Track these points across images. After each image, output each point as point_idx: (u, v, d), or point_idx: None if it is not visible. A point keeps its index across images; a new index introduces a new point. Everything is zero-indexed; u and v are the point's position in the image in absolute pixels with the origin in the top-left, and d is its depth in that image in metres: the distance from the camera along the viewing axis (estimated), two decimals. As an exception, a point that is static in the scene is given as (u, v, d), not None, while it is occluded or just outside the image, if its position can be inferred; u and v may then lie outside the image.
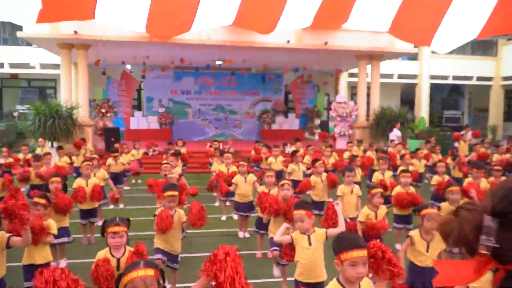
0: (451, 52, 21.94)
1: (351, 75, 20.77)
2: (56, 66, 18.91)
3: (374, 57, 15.45)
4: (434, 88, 22.40)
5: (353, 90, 21.76)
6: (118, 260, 3.32)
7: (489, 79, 22.32)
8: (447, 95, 24.88)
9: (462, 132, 13.49)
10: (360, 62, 15.62)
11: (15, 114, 18.07)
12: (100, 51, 14.42)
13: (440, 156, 10.80)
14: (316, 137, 20.68)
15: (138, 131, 17.98)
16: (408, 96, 22.76)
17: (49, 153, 8.72)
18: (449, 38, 11.76)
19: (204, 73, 19.10)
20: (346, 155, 10.59)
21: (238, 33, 13.67)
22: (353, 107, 15.61)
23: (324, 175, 6.94)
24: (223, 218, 7.68)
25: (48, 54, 18.84)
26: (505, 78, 21.83)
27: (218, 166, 8.87)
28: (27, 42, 20.03)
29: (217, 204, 8.79)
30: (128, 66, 19.08)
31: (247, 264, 5.48)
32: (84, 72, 14.08)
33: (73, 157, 9.96)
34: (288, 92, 21.20)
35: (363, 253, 2.23)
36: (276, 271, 5.00)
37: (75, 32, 12.86)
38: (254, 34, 13.83)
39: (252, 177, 6.71)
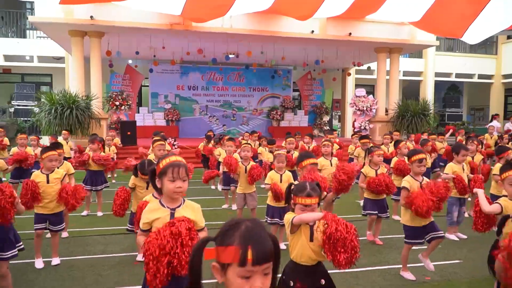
0: (453, 50, 22.17)
1: (358, 72, 20.56)
2: (55, 59, 17.84)
3: (394, 50, 15.22)
4: (434, 86, 22.49)
5: (358, 88, 21.52)
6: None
7: (490, 77, 22.61)
8: (445, 93, 25.07)
9: (490, 125, 13.38)
10: (380, 55, 15.35)
11: (11, 110, 16.82)
12: (112, 41, 13.55)
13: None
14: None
15: (144, 127, 17.06)
16: (409, 93, 22.73)
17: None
18: (482, 28, 11.46)
19: (212, 68, 18.43)
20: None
21: (261, 23, 13.15)
22: (372, 101, 15.31)
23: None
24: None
25: (45, 48, 17.77)
26: (505, 76, 22.15)
27: (269, 155, 8.34)
28: (21, 34, 18.89)
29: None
30: (130, 61, 18.19)
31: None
32: (98, 62, 13.18)
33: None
34: (295, 89, 20.75)
35: None
36: (408, 275, 4.26)
37: (91, 17, 12.00)
38: (278, 24, 13.36)
39: (336, 160, 6.17)
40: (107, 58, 14.62)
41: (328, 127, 20.57)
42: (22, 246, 3.50)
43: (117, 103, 13.48)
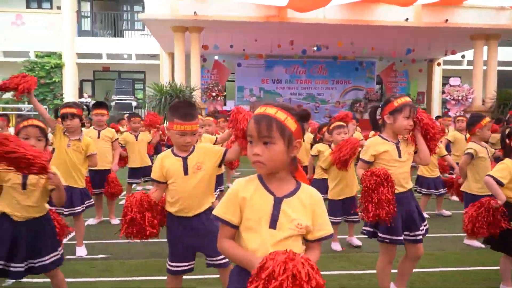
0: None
1: (446, 62, 19.83)
2: (150, 56, 19.16)
3: (492, 36, 14.55)
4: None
5: (445, 80, 20.75)
6: None
7: None
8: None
9: None
10: (476, 43, 14.74)
11: (112, 104, 18.31)
12: (209, 36, 14.30)
13: None
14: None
15: (232, 119, 17.78)
16: (501, 85, 21.45)
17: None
18: None
19: (295, 61, 18.77)
20: None
21: (355, 12, 13.20)
22: (468, 90, 14.76)
23: None
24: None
25: (141, 47, 19.13)
26: None
27: (360, 135, 8.43)
28: (118, 34, 20.44)
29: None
30: (216, 57, 19.04)
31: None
32: (197, 56, 14.00)
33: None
34: (378, 82, 20.48)
35: None
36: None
37: (195, 13, 12.79)
38: (372, 13, 13.34)
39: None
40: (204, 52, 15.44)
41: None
42: None
43: (214, 94, 14.23)
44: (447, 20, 13.49)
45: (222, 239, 1.52)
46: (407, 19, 13.43)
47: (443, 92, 15.19)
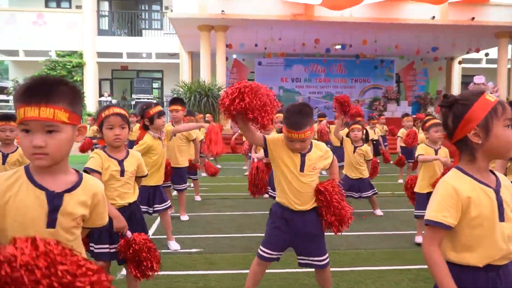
0: None
1: (466, 61, 19.79)
2: (170, 55, 19.20)
3: (517, 34, 14.54)
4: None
5: (464, 79, 20.72)
6: None
7: None
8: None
9: None
10: (501, 40, 14.73)
11: (133, 102, 18.33)
12: (234, 34, 14.33)
13: None
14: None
15: (252, 118, 17.78)
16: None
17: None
18: None
19: (314, 60, 18.78)
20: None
21: (381, 10, 13.22)
22: (493, 88, 14.73)
23: None
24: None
25: (160, 46, 19.15)
26: None
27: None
28: (135, 33, 20.45)
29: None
30: (234, 56, 19.08)
31: None
32: (222, 55, 14.04)
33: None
34: (397, 80, 20.47)
35: None
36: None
37: (222, 11, 12.83)
38: (397, 11, 13.36)
39: None
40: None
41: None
42: None
43: (239, 92, 14.26)
44: (473, 18, 13.49)
45: (435, 246, 1.40)
46: (433, 17, 13.44)
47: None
